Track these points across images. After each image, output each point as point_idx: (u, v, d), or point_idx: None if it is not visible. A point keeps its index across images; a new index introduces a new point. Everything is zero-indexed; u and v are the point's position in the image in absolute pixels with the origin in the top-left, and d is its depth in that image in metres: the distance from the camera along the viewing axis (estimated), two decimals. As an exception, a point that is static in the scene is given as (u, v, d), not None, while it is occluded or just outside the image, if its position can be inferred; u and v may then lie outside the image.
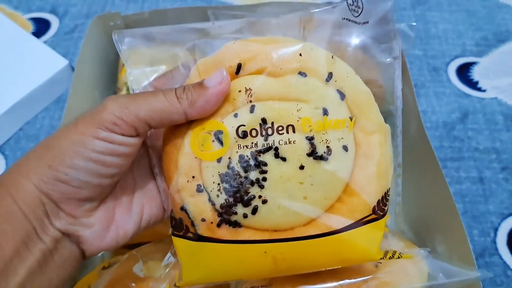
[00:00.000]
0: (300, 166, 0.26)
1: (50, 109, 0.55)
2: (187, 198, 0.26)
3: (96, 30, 0.46)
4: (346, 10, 0.29)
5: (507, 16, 0.66)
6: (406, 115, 0.43)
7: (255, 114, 0.25)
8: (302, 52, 0.26)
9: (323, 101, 0.26)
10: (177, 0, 0.67)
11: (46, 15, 0.65)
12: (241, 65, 0.25)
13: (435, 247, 0.37)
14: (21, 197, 0.23)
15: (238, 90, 0.25)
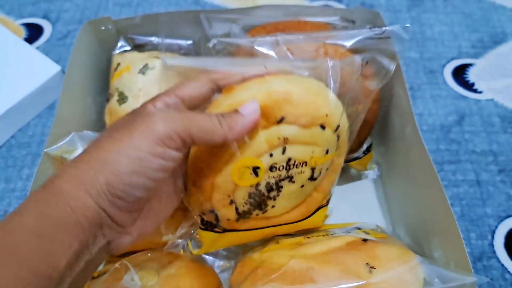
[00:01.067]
0: (301, 185, 0.35)
1: (42, 116, 0.54)
2: (219, 207, 0.33)
3: (87, 35, 0.45)
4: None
5: (503, 17, 0.65)
6: (402, 119, 0.43)
7: (285, 154, 0.32)
8: (328, 113, 0.32)
9: (328, 145, 0.34)
10: (171, 4, 0.66)
11: (38, 20, 0.64)
12: (283, 118, 0.31)
13: (431, 252, 0.37)
14: (80, 210, 0.22)
15: (277, 137, 0.31)
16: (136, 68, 0.43)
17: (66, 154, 0.37)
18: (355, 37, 0.39)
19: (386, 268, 0.32)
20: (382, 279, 0.30)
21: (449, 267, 0.33)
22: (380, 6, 0.66)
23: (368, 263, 0.32)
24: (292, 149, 0.32)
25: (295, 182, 0.34)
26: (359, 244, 0.34)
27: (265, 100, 0.30)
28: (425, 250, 0.38)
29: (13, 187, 0.49)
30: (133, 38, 0.48)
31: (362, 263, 0.32)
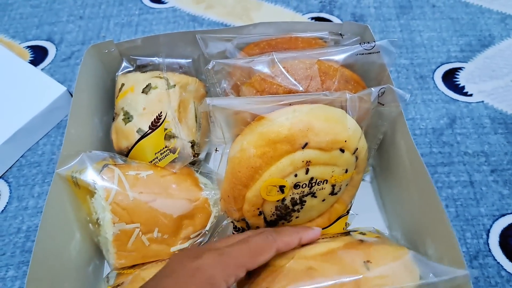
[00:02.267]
0: (323, 200, 0.40)
1: (51, 135, 0.57)
2: (249, 217, 0.39)
3: (92, 59, 0.48)
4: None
5: (490, 21, 0.68)
6: (393, 125, 0.45)
7: (308, 175, 0.37)
8: (347, 139, 0.37)
9: (347, 165, 0.38)
10: (170, 22, 0.69)
11: (43, 42, 0.67)
12: (307, 144, 0.36)
13: (426, 251, 0.39)
14: None
15: (302, 161, 0.36)
16: (139, 88, 0.45)
17: (76, 174, 0.39)
18: (346, 53, 0.42)
19: (382, 264, 0.34)
20: (378, 274, 0.32)
21: (442, 263, 0.35)
22: (370, 16, 0.68)
23: (365, 261, 0.34)
24: (314, 169, 0.37)
25: (317, 197, 0.39)
26: (356, 244, 0.36)
27: (291, 129, 0.35)
28: (420, 250, 0.39)
29: (26, 205, 0.51)
30: (135, 59, 0.50)
31: (360, 261, 0.34)
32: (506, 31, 0.66)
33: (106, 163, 0.41)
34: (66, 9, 0.71)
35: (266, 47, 0.47)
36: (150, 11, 0.70)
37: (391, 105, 0.39)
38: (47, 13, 0.70)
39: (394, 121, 0.44)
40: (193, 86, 0.49)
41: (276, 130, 0.35)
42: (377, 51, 0.41)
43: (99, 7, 0.71)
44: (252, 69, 0.43)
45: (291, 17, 0.69)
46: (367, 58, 0.42)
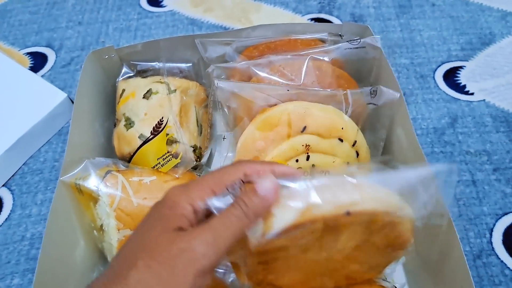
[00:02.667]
0: None
1: (52, 142, 0.57)
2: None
3: (92, 64, 0.48)
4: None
5: (490, 18, 0.68)
6: (396, 124, 0.45)
7: (309, 161, 0.38)
8: (344, 127, 0.39)
9: (348, 158, 0.40)
10: (168, 26, 0.69)
11: (42, 49, 0.67)
12: (305, 127, 0.38)
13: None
14: None
15: (301, 144, 0.38)
16: (140, 93, 0.46)
17: (79, 181, 0.39)
18: (335, 50, 0.45)
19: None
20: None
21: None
22: (369, 16, 0.68)
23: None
24: (314, 157, 0.39)
25: None
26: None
27: (291, 114, 0.37)
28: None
29: (29, 213, 0.51)
30: (135, 64, 0.50)
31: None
32: (507, 28, 0.66)
33: (109, 170, 0.41)
34: (65, 15, 0.71)
35: (265, 50, 0.47)
36: (148, 15, 0.70)
37: (385, 107, 0.40)
38: (46, 19, 0.70)
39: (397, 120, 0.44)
40: (194, 91, 0.49)
41: (277, 115, 0.38)
42: (363, 46, 0.45)
43: (97, 12, 0.71)
44: (251, 71, 0.43)
45: (290, 18, 0.69)
46: (355, 54, 0.45)
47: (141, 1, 0.72)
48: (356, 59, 0.46)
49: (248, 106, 0.40)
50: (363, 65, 0.47)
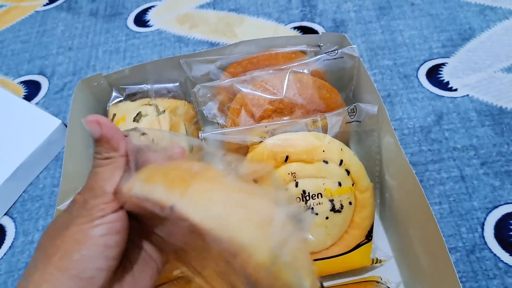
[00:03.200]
0: (326, 217, 0.41)
1: (50, 168, 0.58)
2: None
3: (82, 92, 0.49)
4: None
5: (469, 13, 0.69)
6: (380, 132, 0.46)
7: (298, 188, 0.40)
8: (325, 149, 0.40)
9: (338, 178, 0.41)
10: (156, 45, 0.70)
11: (35, 77, 0.68)
12: (288, 157, 0.40)
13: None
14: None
15: (287, 173, 0.40)
16: (130, 117, 0.47)
17: (76, 207, 0.41)
18: (314, 63, 0.46)
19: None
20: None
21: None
22: (350, 20, 0.70)
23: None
24: (303, 182, 0.40)
25: (318, 214, 0.41)
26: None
27: (272, 149, 0.40)
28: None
29: (31, 239, 0.52)
30: (124, 88, 0.52)
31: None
32: (486, 22, 0.67)
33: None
34: (55, 41, 0.73)
35: (248, 65, 0.49)
36: (136, 35, 0.72)
37: (369, 120, 0.42)
38: (37, 47, 0.72)
39: (380, 128, 0.46)
40: (182, 109, 0.50)
41: (259, 152, 0.40)
42: (341, 56, 0.46)
43: (86, 36, 0.73)
44: (234, 88, 0.45)
45: (273, 28, 0.70)
46: (334, 64, 0.47)
47: (128, 22, 0.74)
48: (335, 69, 0.47)
49: (236, 149, 0.42)
50: (343, 74, 0.48)
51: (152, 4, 0.77)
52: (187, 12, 0.75)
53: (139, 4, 0.77)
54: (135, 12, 0.76)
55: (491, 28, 0.67)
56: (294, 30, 0.70)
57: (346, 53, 0.46)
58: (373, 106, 0.43)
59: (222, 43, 0.70)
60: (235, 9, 0.74)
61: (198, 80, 0.49)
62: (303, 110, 0.46)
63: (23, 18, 0.77)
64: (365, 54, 0.65)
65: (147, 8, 0.76)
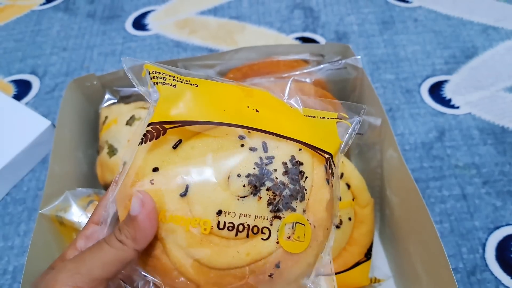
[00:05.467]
0: None
1: (36, 170, 0.56)
2: None
3: (74, 92, 0.47)
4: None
5: (472, 32, 0.68)
6: (382, 145, 0.45)
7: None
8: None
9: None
10: (153, 49, 0.69)
11: (27, 76, 0.66)
12: None
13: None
14: None
15: None
16: (123, 120, 0.45)
17: (60, 212, 0.38)
18: (317, 72, 0.45)
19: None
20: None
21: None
22: (353, 33, 0.69)
23: None
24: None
25: None
26: None
27: None
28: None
29: (11, 245, 0.49)
30: (118, 90, 0.50)
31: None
32: (488, 41, 0.67)
33: (91, 199, 0.41)
34: (49, 41, 0.71)
35: (249, 72, 0.47)
36: (133, 39, 0.70)
37: (372, 133, 0.40)
38: (31, 47, 0.70)
39: (383, 141, 0.44)
40: (178, 114, 0.48)
41: None
42: (344, 67, 0.45)
43: (82, 37, 0.71)
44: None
45: (274, 38, 0.69)
46: (337, 75, 0.45)
47: (126, 25, 0.73)
48: (338, 79, 0.46)
49: None
50: (346, 84, 0.47)
51: (152, 8, 0.76)
52: (187, 18, 0.74)
53: (139, 8, 0.76)
54: (134, 15, 0.74)
55: (493, 47, 0.66)
56: (295, 40, 0.69)
57: (350, 64, 0.45)
58: (376, 118, 0.42)
59: (221, 49, 0.68)
60: (236, 17, 0.73)
61: (196, 85, 0.48)
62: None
63: (18, 16, 0.75)
64: (367, 67, 0.64)
65: (147, 12, 0.75)
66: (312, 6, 0.74)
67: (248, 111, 0.27)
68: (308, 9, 0.74)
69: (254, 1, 0.76)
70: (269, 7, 0.75)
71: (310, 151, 0.26)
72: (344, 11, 0.73)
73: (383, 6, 0.73)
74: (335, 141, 0.28)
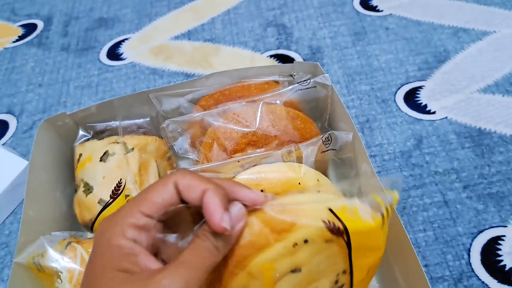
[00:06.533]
0: None
1: (17, 212, 0.55)
2: None
3: (46, 133, 0.47)
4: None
5: (443, 36, 0.69)
6: (356, 160, 0.45)
7: None
8: (301, 181, 0.38)
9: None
10: (130, 78, 0.69)
11: (3, 116, 0.66)
12: (263, 191, 0.37)
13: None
14: None
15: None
16: (97, 156, 0.45)
17: (38, 258, 0.38)
18: (288, 93, 0.45)
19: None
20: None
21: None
22: (326, 46, 0.70)
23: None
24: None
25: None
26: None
27: (246, 184, 0.35)
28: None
29: (-5, 291, 0.49)
30: (92, 126, 0.49)
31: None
32: (460, 44, 0.68)
33: (69, 241, 0.40)
34: (24, 78, 0.71)
35: (221, 97, 0.48)
36: (109, 69, 0.71)
37: (343, 151, 0.40)
38: (6, 85, 0.70)
39: (356, 156, 0.44)
40: (153, 146, 0.48)
41: None
42: (314, 86, 0.45)
43: (57, 72, 0.71)
44: (206, 122, 0.43)
45: (250, 57, 0.70)
46: (308, 94, 0.45)
47: (101, 56, 0.73)
48: (309, 98, 0.46)
49: None
50: (317, 103, 0.47)
51: (126, 37, 0.76)
52: (161, 44, 0.74)
53: (112, 37, 0.76)
54: (108, 45, 0.75)
55: (465, 49, 0.67)
56: (270, 58, 0.69)
57: (319, 82, 0.45)
58: (348, 133, 0.42)
59: (197, 73, 0.69)
60: (210, 39, 0.74)
61: (169, 115, 0.48)
62: (278, 141, 0.44)
63: (-7, 55, 0.76)
64: (342, 80, 0.65)
65: (121, 41, 0.75)
66: (285, 22, 0.75)
67: None
68: (281, 26, 0.75)
69: (227, 21, 0.77)
70: (242, 26, 0.75)
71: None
72: (317, 25, 0.74)
73: (354, 17, 0.74)
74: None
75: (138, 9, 0.81)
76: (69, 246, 0.39)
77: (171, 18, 0.78)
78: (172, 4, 0.81)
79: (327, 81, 0.45)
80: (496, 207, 0.50)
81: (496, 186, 0.51)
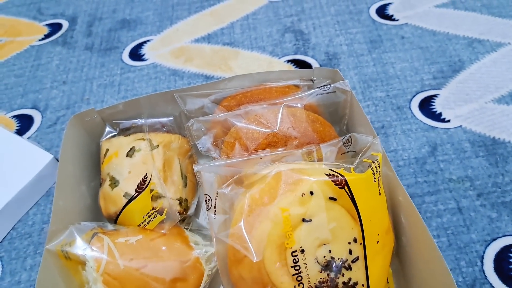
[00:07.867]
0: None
1: (40, 204, 0.57)
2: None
3: (75, 128, 0.49)
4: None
5: (458, 46, 0.70)
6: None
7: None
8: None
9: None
10: (151, 78, 0.71)
11: (28, 111, 0.68)
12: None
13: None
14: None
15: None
16: (123, 152, 0.46)
17: (66, 247, 0.40)
18: (308, 97, 0.46)
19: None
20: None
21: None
22: (343, 53, 0.71)
23: None
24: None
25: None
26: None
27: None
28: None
29: (18, 279, 0.50)
30: (118, 123, 0.51)
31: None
32: (474, 54, 0.69)
33: (95, 232, 0.42)
34: (49, 75, 0.73)
35: (242, 99, 0.49)
36: (131, 69, 0.73)
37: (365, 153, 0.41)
38: (31, 81, 0.72)
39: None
40: (176, 144, 0.50)
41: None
42: (333, 91, 0.47)
43: (81, 70, 0.73)
44: (229, 122, 0.45)
45: (268, 62, 0.71)
46: (328, 99, 0.47)
47: (123, 56, 0.75)
48: (329, 102, 0.47)
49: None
50: (337, 107, 0.49)
51: (148, 39, 0.78)
52: (182, 46, 0.76)
53: (135, 39, 0.78)
54: (131, 46, 0.77)
55: (480, 60, 0.68)
56: (288, 63, 0.71)
57: (339, 88, 0.46)
58: (368, 136, 0.43)
59: (216, 76, 0.70)
60: (229, 43, 0.76)
61: (193, 114, 0.49)
62: (298, 143, 0.46)
63: (18, 52, 0.78)
64: (358, 86, 0.66)
65: (143, 42, 0.77)
66: (302, 29, 0.77)
67: None
68: (299, 32, 0.76)
69: (246, 26, 0.79)
70: (260, 32, 0.77)
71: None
72: (333, 32, 0.75)
73: (371, 26, 0.75)
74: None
75: (160, 12, 0.83)
76: (95, 237, 0.41)
77: (191, 22, 0.81)
78: (193, 8, 0.83)
79: (347, 86, 0.46)
80: (510, 216, 0.51)
81: (510, 196, 0.52)
